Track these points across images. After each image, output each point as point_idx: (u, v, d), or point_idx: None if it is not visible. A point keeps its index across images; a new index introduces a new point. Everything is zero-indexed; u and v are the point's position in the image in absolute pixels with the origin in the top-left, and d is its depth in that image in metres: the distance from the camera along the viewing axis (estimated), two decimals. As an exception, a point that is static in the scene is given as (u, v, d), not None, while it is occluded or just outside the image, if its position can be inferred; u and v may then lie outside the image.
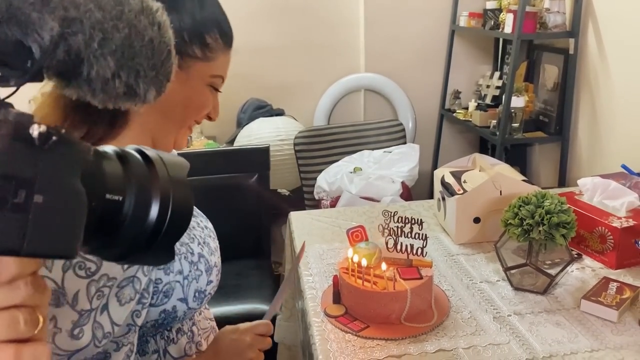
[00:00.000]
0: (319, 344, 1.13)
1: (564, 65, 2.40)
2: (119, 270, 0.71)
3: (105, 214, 0.42)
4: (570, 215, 1.25)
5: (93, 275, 0.68)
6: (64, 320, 0.67)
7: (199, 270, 0.86)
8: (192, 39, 0.79)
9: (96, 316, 0.69)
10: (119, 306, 0.71)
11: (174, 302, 0.82)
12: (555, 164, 2.58)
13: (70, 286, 0.67)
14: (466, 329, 1.15)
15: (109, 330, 0.71)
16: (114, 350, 0.74)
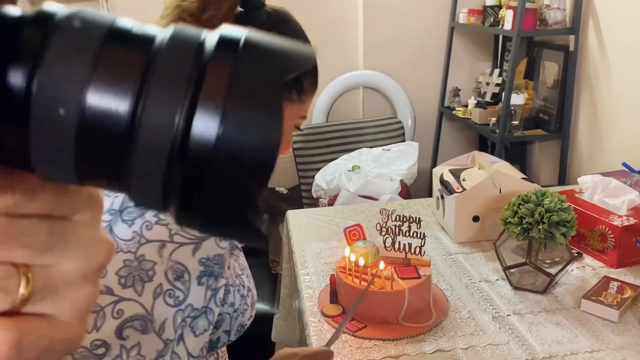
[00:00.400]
0: (315, 344, 1.12)
1: (564, 62, 2.38)
2: (202, 300, 0.69)
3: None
4: (571, 213, 1.24)
5: (180, 304, 0.67)
6: (149, 349, 0.64)
7: (246, 305, 0.84)
8: (293, 83, 0.80)
9: (174, 347, 0.67)
10: (194, 337, 0.69)
11: (220, 334, 0.80)
12: (555, 162, 2.57)
13: (159, 314, 0.65)
14: (465, 329, 1.14)
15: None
16: None
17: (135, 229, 0.66)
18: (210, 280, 0.69)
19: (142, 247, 0.65)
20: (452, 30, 2.98)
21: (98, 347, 0.63)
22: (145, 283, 0.65)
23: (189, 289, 0.67)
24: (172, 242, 0.66)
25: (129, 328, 0.64)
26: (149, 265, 0.65)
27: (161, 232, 0.66)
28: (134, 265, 0.65)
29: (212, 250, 0.69)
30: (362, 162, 2.44)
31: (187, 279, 0.67)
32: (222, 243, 0.70)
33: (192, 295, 0.67)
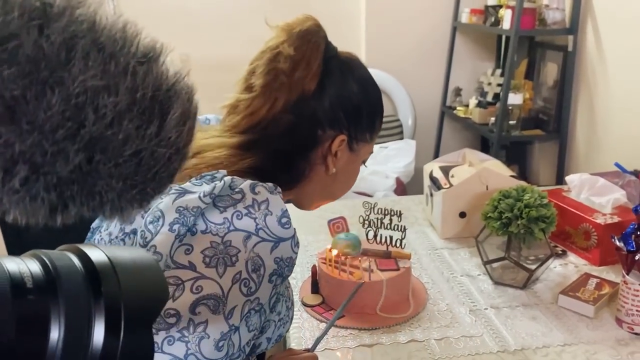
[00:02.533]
0: (292, 331, 1.14)
1: (563, 62, 2.38)
2: (267, 297, 0.72)
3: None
4: (551, 209, 1.25)
5: (251, 295, 0.70)
6: (214, 329, 0.67)
7: (288, 317, 0.87)
8: (367, 126, 0.86)
9: (232, 334, 0.69)
10: (247, 332, 0.71)
11: (262, 340, 0.82)
12: (553, 163, 2.57)
13: (232, 299, 0.68)
14: (441, 321, 1.15)
15: (234, 352, 0.70)
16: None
17: (226, 216, 0.69)
18: (278, 280, 0.73)
19: (230, 233, 0.69)
20: (454, 29, 2.99)
21: (170, 316, 0.66)
22: (228, 267, 0.68)
23: (261, 283, 0.71)
24: (257, 235, 0.70)
25: (202, 305, 0.67)
26: (234, 251, 0.69)
27: (249, 224, 0.70)
28: (219, 248, 0.68)
29: (287, 252, 0.73)
30: (360, 159, 2.45)
31: (262, 274, 0.70)
32: (295, 248, 0.74)
33: (261, 290, 0.71)
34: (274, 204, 0.73)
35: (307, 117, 0.81)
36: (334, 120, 0.83)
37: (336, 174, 0.86)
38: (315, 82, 0.80)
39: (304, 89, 0.80)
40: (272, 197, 0.73)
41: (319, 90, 0.81)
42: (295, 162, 0.83)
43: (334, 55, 0.84)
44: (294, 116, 0.80)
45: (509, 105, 2.40)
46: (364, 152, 0.89)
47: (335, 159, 0.85)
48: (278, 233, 0.72)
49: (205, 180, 0.73)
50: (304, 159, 0.83)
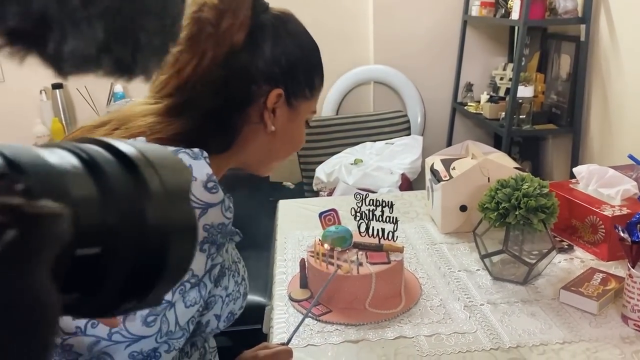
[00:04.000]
0: (276, 326, 1.09)
1: (576, 53, 2.30)
2: (202, 267, 0.69)
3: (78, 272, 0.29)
4: (552, 199, 1.18)
5: None
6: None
7: (239, 293, 0.84)
8: (306, 81, 0.83)
9: (166, 311, 0.68)
10: (184, 307, 0.69)
11: (209, 317, 0.79)
12: (568, 158, 2.47)
13: None
14: (433, 317, 1.09)
15: (172, 329, 0.68)
16: (164, 351, 0.71)
17: None
18: (212, 249, 0.69)
19: None
20: (464, 23, 2.92)
21: None
22: None
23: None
24: None
25: None
26: None
27: None
28: None
29: (217, 218, 0.69)
30: (365, 156, 2.40)
31: None
32: (227, 213, 0.70)
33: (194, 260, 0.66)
34: (198, 169, 0.69)
35: (238, 72, 0.77)
36: (269, 75, 0.79)
37: (277, 133, 0.82)
38: (244, 34, 0.76)
39: (232, 41, 0.75)
40: (195, 163, 0.69)
41: (250, 44, 0.77)
42: (230, 122, 0.79)
43: (265, 10, 0.81)
44: (225, 71, 0.76)
45: (518, 98, 2.31)
46: (304, 110, 0.85)
47: (273, 115, 0.81)
48: (205, 199, 0.68)
49: None
50: (240, 118, 0.80)
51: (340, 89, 3.01)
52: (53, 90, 2.81)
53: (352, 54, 3.01)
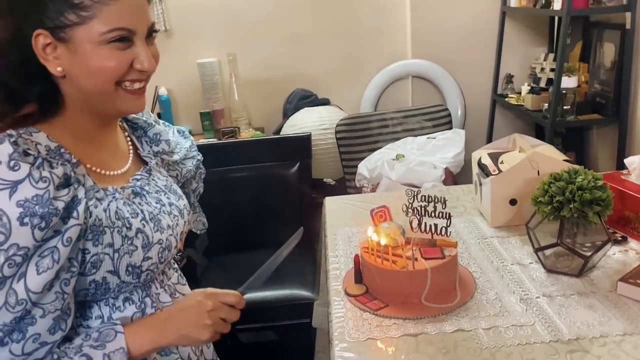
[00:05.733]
0: (335, 321, 1.12)
1: (621, 41, 2.25)
2: (30, 239, 0.74)
3: None
4: (606, 192, 1.17)
5: (1, 244, 0.73)
6: None
7: (133, 246, 0.88)
8: (59, 7, 0.77)
9: (12, 284, 0.74)
10: (37, 275, 0.75)
11: (104, 274, 0.85)
12: (613, 149, 2.43)
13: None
14: (489, 310, 1.11)
15: (24, 297, 0.75)
16: (39, 316, 0.77)
17: None
18: (34, 220, 0.74)
19: None
20: (503, 14, 2.89)
21: None
22: None
23: (10, 230, 0.73)
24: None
25: None
26: None
27: None
28: None
29: (29, 192, 0.74)
30: (407, 151, 2.41)
31: (7, 222, 0.73)
32: (39, 184, 0.76)
33: (15, 236, 0.73)
34: (1, 152, 0.74)
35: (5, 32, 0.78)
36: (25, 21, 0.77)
37: (72, 72, 0.80)
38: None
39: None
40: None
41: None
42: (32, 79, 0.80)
43: None
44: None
45: (562, 89, 2.29)
46: (85, 35, 0.78)
47: (53, 58, 0.79)
48: (10, 177, 0.74)
49: None
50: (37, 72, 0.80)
51: (378, 85, 3.02)
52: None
53: (390, 49, 3.02)
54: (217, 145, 2.50)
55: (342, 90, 3.04)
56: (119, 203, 0.89)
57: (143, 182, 0.98)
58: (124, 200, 0.90)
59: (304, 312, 1.88)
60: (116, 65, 0.82)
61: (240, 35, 2.96)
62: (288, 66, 2.99)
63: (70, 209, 0.79)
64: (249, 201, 2.33)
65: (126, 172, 0.97)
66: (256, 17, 2.92)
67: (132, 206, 0.91)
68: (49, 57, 0.79)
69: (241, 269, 2.25)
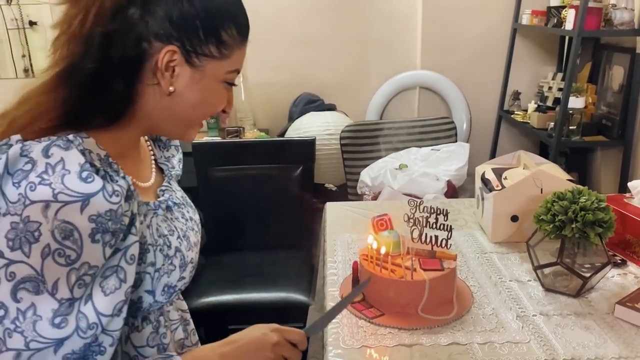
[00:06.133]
0: (330, 327, 1.12)
1: (630, 65, 2.26)
2: (100, 258, 0.69)
3: None
4: (609, 214, 1.17)
5: (74, 262, 0.67)
6: (44, 308, 0.66)
7: (172, 265, 0.83)
8: (207, 37, 0.75)
9: (80, 306, 0.68)
10: (104, 296, 0.69)
11: (141, 293, 0.80)
12: (617, 171, 2.43)
13: (50, 274, 0.66)
14: (485, 325, 1.10)
15: (95, 321, 0.69)
16: (109, 345, 0.72)
17: (20, 191, 0.65)
18: (106, 237, 0.68)
19: (26, 208, 0.65)
20: (514, 31, 2.90)
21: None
22: (32, 244, 0.65)
23: (82, 248, 0.67)
24: (57, 201, 0.65)
25: (22, 290, 0.65)
26: (34, 227, 0.65)
27: (44, 192, 0.65)
28: (20, 227, 0.65)
29: (102, 206, 0.68)
30: (410, 161, 2.41)
31: (78, 237, 0.66)
32: (113, 198, 0.69)
33: (86, 253, 0.67)
34: (70, 160, 0.67)
35: (125, 28, 0.71)
36: (160, 31, 0.72)
37: (180, 94, 0.76)
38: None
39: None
40: (67, 154, 0.68)
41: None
42: (119, 86, 0.73)
43: None
44: (110, 28, 0.70)
45: (569, 109, 2.29)
46: (214, 70, 0.77)
47: (169, 75, 0.75)
48: (82, 190, 0.66)
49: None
50: (131, 81, 0.74)
51: (385, 94, 3.02)
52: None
53: (399, 59, 3.03)
54: (221, 144, 2.51)
55: (349, 96, 3.05)
56: (159, 219, 0.83)
57: (168, 195, 0.91)
58: (162, 217, 0.85)
59: (298, 315, 1.88)
60: (222, 103, 0.83)
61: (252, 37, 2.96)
62: (297, 70, 3.00)
63: (130, 225, 0.74)
64: (249, 201, 2.34)
65: (154, 184, 0.90)
66: (269, 19, 2.93)
67: (167, 222, 0.86)
68: (166, 73, 0.75)
69: (237, 269, 2.27)
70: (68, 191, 0.66)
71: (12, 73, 2.90)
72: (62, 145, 0.68)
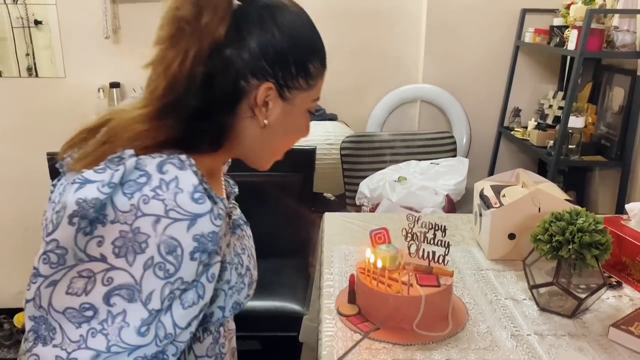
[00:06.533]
0: (325, 339, 1.12)
1: (631, 87, 2.27)
2: (193, 274, 0.71)
3: None
4: (606, 236, 1.18)
5: (171, 277, 0.69)
6: (134, 316, 0.68)
7: (243, 283, 0.86)
8: (297, 71, 0.80)
9: (161, 316, 0.70)
10: (182, 309, 0.72)
11: (213, 309, 0.82)
12: (614, 192, 2.44)
13: (147, 284, 0.68)
14: (480, 343, 1.11)
15: (171, 332, 0.71)
16: (172, 354, 0.74)
17: (133, 202, 0.68)
18: (203, 257, 0.71)
19: (137, 219, 0.67)
20: (517, 49, 2.91)
21: (86, 310, 0.67)
22: (137, 254, 0.67)
23: (181, 264, 0.69)
24: (167, 217, 0.68)
25: (116, 296, 0.67)
26: (142, 238, 0.67)
27: (157, 207, 0.68)
28: (129, 236, 0.67)
29: (207, 227, 0.70)
30: (410, 174, 2.41)
31: (180, 254, 0.69)
32: (217, 221, 0.71)
33: (183, 270, 0.70)
34: (184, 180, 0.70)
35: (224, 68, 0.75)
36: (256, 69, 0.77)
37: (272, 126, 0.80)
38: (225, 28, 0.74)
39: (214, 36, 0.74)
40: (181, 174, 0.70)
41: (234, 37, 0.75)
42: (219, 120, 0.77)
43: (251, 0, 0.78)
44: (210, 68, 0.75)
45: (569, 128, 2.30)
46: (302, 100, 0.82)
47: (265, 110, 0.79)
48: (192, 210, 0.69)
49: (111, 164, 0.70)
50: (230, 115, 0.78)
51: (386, 106, 3.03)
52: (110, 89, 2.92)
53: (401, 72, 3.04)
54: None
55: (351, 107, 3.05)
56: (234, 238, 0.87)
57: (237, 213, 0.94)
58: (237, 235, 0.88)
59: (292, 325, 1.87)
60: (305, 131, 0.88)
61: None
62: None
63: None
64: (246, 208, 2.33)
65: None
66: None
67: (240, 240, 0.89)
68: (262, 108, 0.79)
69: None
70: (179, 209, 0.69)
71: (15, 72, 2.90)
72: (177, 164, 0.71)
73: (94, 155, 0.73)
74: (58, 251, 0.68)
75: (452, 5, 2.88)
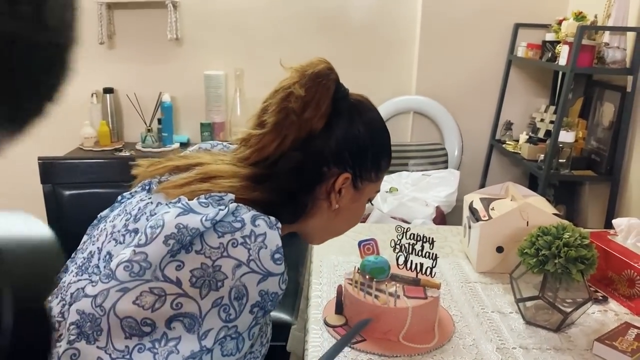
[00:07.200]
0: (311, 349, 1.12)
1: (620, 103, 2.30)
2: (246, 326, 0.74)
3: None
4: (592, 251, 1.19)
5: (229, 322, 0.72)
6: (186, 346, 0.70)
7: (260, 353, 0.90)
8: (372, 166, 0.90)
9: (204, 354, 0.72)
10: (221, 356, 0.75)
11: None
12: (604, 206, 2.46)
13: (209, 321, 0.71)
14: (465, 356, 1.11)
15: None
16: None
17: (222, 241, 0.72)
18: (260, 313, 0.75)
19: (221, 258, 0.71)
20: (509, 63, 2.94)
21: (146, 325, 0.69)
22: (212, 290, 0.71)
23: (242, 313, 0.73)
24: (247, 265, 0.72)
25: (178, 321, 0.70)
26: (221, 277, 0.71)
27: (242, 253, 0.72)
28: (208, 271, 0.71)
29: (274, 287, 0.75)
30: (401, 185, 2.42)
31: (244, 303, 0.72)
32: (282, 285, 0.76)
33: (241, 319, 0.73)
34: (271, 238, 0.75)
35: (313, 155, 0.85)
36: (339, 159, 0.86)
37: (340, 211, 0.89)
38: (323, 122, 0.84)
39: (312, 128, 0.83)
40: (270, 232, 0.75)
41: (326, 130, 0.84)
42: (300, 197, 0.86)
43: (344, 97, 0.87)
44: (302, 153, 0.84)
45: (559, 142, 2.32)
46: (368, 191, 0.92)
47: (338, 196, 0.88)
48: (268, 267, 0.74)
49: (213, 201, 0.76)
50: (309, 194, 0.87)
51: (379, 117, 3.05)
52: (104, 95, 2.92)
53: (394, 83, 3.06)
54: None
55: (344, 117, 3.07)
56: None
57: None
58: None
59: (280, 334, 1.87)
60: (361, 217, 0.97)
61: (250, 52, 3.00)
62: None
63: None
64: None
65: None
66: (267, 35, 2.96)
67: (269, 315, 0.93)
68: (337, 193, 0.88)
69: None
70: (259, 262, 0.73)
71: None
72: (268, 222, 0.76)
73: (191, 188, 0.80)
74: (144, 264, 0.70)
75: (445, 19, 2.91)
